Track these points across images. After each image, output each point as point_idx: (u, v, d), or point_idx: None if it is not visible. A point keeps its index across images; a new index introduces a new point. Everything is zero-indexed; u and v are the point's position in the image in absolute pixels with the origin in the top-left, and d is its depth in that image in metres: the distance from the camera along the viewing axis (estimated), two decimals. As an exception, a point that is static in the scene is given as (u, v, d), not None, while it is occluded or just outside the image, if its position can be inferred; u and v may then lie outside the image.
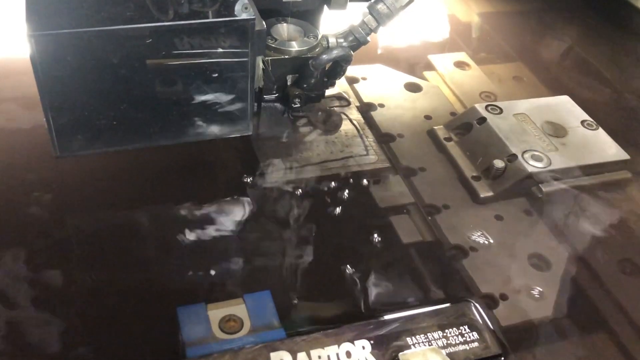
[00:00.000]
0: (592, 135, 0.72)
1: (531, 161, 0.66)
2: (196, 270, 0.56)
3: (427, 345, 0.50)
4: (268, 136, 0.70)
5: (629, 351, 0.54)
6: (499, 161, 0.67)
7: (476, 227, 0.63)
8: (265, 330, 0.50)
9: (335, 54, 0.65)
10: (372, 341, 0.49)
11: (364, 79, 0.81)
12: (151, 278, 0.55)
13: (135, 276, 0.55)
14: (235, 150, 0.68)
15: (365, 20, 0.67)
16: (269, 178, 0.65)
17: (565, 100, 0.77)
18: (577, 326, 0.56)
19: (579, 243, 0.63)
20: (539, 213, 0.65)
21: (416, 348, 0.49)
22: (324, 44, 0.68)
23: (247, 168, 0.66)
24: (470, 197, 0.66)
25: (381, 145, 0.71)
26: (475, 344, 0.51)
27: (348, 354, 0.48)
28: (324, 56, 0.65)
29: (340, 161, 0.68)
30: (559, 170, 0.67)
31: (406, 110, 0.78)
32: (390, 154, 0.71)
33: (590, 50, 0.96)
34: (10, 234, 0.57)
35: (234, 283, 0.55)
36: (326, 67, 0.68)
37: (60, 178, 0.62)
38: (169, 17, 0.53)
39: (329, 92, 0.73)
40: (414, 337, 0.50)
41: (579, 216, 0.66)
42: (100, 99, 0.55)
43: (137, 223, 0.60)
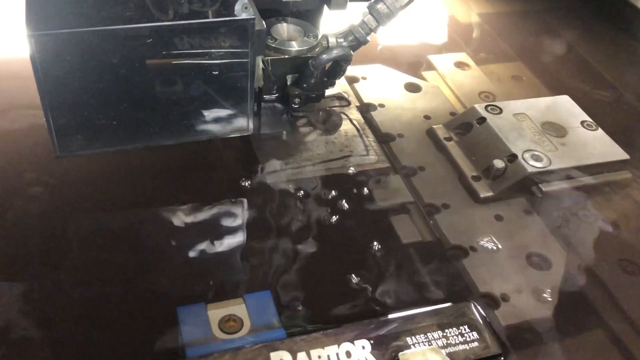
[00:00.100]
0: (592, 136, 0.72)
1: (531, 161, 0.66)
2: (196, 270, 0.56)
3: (427, 345, 0.50)
4: (268, 136, 0.70)
5: (630, 350, 0.54)
6: (499, 161, 0.67)
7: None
8: (265, 330, 0.50)
9: (335, 53, 0.65)
10: (372, 341, 0.49)
11: (364, 78, 0.81)
12: (151, 278, 0.55)
13: (135, 276, 0.55)
14: (235, 150, 0.68)
15: (365, 20, 0.67)
16: (269, 178, 0.65)
17: (565, 100, 0.77)
18: (577, 326, 0.56)
19: (579, 243, 0.63)
20: (539, 213, 0.65)
21: (416, 348, 0.49)
22: (324, 43, 0.68)
23: (247, 168, 0.66)
24: (470, 197, 0.66)
25: (381, 145, 0.71)
26: (475, 344, 0.51)
27: (348, 354, 0.48)
28: (324, 56, 0.65)
29: (340, 161, 0.68)
30: (558, 170, 0.67)
31: (406, 110, 0.78)
32: (390, 153, 0.71)
33: (590, 51, 0.96)
34: (10, 234, 0.57)
35: (234, 283, 0.55)
36: (326, 67, 0.68)
37: (60, 178, 0.62)
38: (169, 17, 0.53)
39: (329, 92, 0.73)
40: (413, 337, 0.50)
41: (578, 216, 0.66)
42: (100, 99, 0.55)
43: (138, 223, 0.60)
